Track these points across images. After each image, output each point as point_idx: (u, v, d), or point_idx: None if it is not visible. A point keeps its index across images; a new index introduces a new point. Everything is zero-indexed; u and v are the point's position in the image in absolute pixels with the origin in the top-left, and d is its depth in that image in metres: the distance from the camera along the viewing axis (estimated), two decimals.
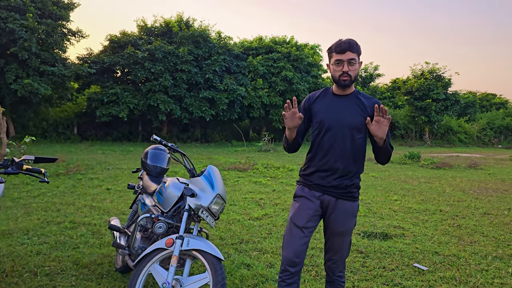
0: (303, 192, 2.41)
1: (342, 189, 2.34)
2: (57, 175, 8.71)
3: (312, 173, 2.39)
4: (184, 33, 22.50)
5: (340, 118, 2.31)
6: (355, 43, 2.25)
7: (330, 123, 2.32)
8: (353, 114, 2.31)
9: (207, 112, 22.28)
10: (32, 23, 17.58)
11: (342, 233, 2.38)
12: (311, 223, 2.35)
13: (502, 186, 9.18)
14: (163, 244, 2.54)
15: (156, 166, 3.46)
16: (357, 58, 2.26)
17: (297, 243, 2.32)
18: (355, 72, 2.28)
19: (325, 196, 2.36)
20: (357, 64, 2.27)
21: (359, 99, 2.35)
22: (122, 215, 5.49)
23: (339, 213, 2.35)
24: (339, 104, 2.35)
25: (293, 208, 2.42)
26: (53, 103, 21.05)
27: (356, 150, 2.33)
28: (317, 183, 2.37)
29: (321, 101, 2.41)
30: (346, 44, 2.23)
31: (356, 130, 2.30)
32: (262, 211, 5.97)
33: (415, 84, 29.40)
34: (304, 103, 2.47)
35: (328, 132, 2.32)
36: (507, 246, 4.54)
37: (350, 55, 2.23)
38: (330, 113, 2.34)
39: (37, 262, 3.63)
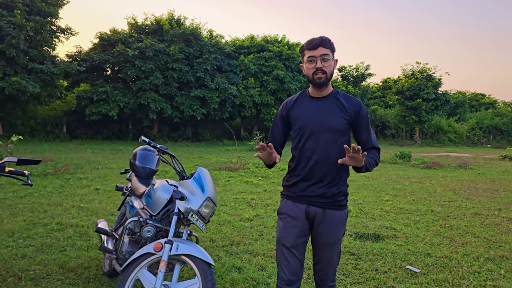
0: (286, 208, 2.25)
1: (328, 198, 2.18)
2: (44, 175, 8.56)
3: (295, 184, 2.23)
4: (175, 31, 22.34)
5: (320, 122, 2.16)
6: (327, 39, 2.14)
7: (310, 129, 2.17)
8: (333, 116, 2.16)
9: (198, 111, 22.16)
10: (20, 20, 17.30)
11: (331, 243, 2.22)
12: (300, 240, 2.21)
13: (492, 186, 9.23)
14: (152, 249, 2.47)
15: (145, 167, 3.38)
16: (331, 54, 2.13)
17: (291, 263, 2.19)
18: (330, 68, 2.13)
19: (310, 208, 2.19)
20: (331, 61, 2.13)
21: (338, 100, 2.20)
22: (111, 216, 5.39)
23: (327, 223, 2.19)
24: (317, 107, 2.19)
25: (279, 226, 2.27)
26: (42, 101, 20.79)
27: (341, 155, 2.15)
28: (301, 195, 2.21)
29: (298, 106, 2.25)
30: (318, 40, 2.11)
31: (338, 133, 2.16)
32: (253, 211, 5.91)
33: (405, 84, 29.58)
34: (282, 110, 2.32)
35: (309, 138, 2.18)
36: (499, 247, 4.54)
37: (322, 51, 2.11)
38: (309, 118, 2.18)
39: (21, 266, 3.52)
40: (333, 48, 2.16)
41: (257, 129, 25.81)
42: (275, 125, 2.38)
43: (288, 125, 2.32)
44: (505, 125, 34.82)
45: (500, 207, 6.80)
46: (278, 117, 2.35)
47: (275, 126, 2.38)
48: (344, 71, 32.74)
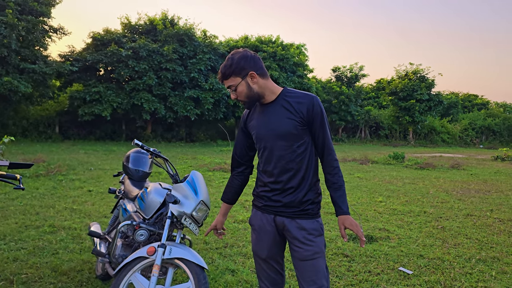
0: (255, 219, 2.18)
1: (295, 207, 2.04)
2: (37, 176, 8.49)
3: (260, 193, 2.14)
4: (168, 31, 22.28)
5: (270, 128, 2.03)
6: (227, 67, 1.99)
7: (262, 137, 2.07)
8: (282, 120, 2.00)
9: (192, 111, 22.11)
10: (12, 20, 17.15)
11: (309, 257, 2.01)
12: (274, 250, 2.14)
13: (484, 186, 9.31)
14: (145, 253, 2.46)
15: (138, 170, 3.36)
16: (237, 79, 2.00)
17: (269, 273, 2.17)
18: (243, 93, 2.02)
19: (277, 218, 2.08)
20: (241, 85, 2.00)
21: (286, 101, 2.03)
22: (104, 219, 5.36)
23: (299, 234, 2.03)
24: (267, 113, 2.07)
25: (252, 239, 2.21)
26: (34, 101, 20.64)
27: (300, 159, 2.01)
28: (267, 204, 2.11)
29: (252, 116, 2.16)
30: (220, 74, 2.04)
31: (290, 137, 2.00)
32: (247, 213, 5.91)
33: (399, 84, 29.75)
34: (241, 122, 2.25)
35: (263, 147, 2.07)
36: (490, 248, 4.57)
37: (227, 83, 2.04)
38: (260, 125, 2.08)
39: (13, 269, 3.49)
40: (237, 71, 1.99)
41: None
42: (237, 139, 2.28)
43: (249, 137, 2.21)
44: (497, 126, 35.15)
45: (492, 208, 6.86)
46: (240, 131, 2.25)
47: (237, 141, 2.28)
48: (338, 71, 32.84)
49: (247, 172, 2.32)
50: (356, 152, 19.88)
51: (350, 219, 2.01)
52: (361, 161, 14.51)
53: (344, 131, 33.08)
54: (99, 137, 22.48)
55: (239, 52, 2.02)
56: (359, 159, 15.04)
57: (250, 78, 2.01)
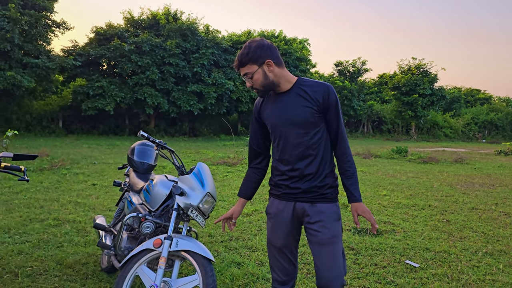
0: (273, 207, 2.18)
1: (314, 192, 2.06)
2: (41, 170, 8.50)
3: (278, 182, 2.15)
4: (171, 26, 22.21)
5: (286, 117, 2.05)
6: (245, 54, 2.01)
7: (278, 126, 2.09)
8: (298, 108, 2.03)
9: (195, 106, 22.08)
10: (15, 14, 17.12)
11: (328, 241, 2.02)
12: (289, 239, 2.14)
13: (488, 180, 9.26)
14: (151, 245, 2.44)
15: (143, 162, 3.34)
16: (253, 66, 2.02)
17: (282, 263, 2.16)
18: (258, 82, 2.04)
19: (298, 204, 2.10)
20: (257, 73, 2.02)
21: (302, 89, 2.06)
22: (108, 212, 5.36)
23: (319, 218, 2.05)
24: (282, 102, 2.09)
25: (268, 227, 2.21)
26: (37, 96, 20.66)
27: (316, 146, 2.05)
28: (285, 192, 2.12)
29: (266, 106, 2.17)
30: (236, 62, 2.05)
31: (307, 125, 2.03)
32: (252, 207, 5.90)
33: (402, 79, 29.61)
34: (254, 112, 2.25)
35: (279, 135, 2.10)
36: (496, 241, 4.55)
37: (243, 71, 2.05)
38: (275, 115, 2.10)
39: (18, 262, 3.49)
40: (253, 58, 2.01)
41: None
42: (253, 130, 2.28)
43: (263, 126, 2.23)
44: (500, 121, 34.99)
45: (497, 201, 6.82)
46: (253, 120, 2.25)
47: (253, 131, 2.27)
48: (340, 66, 32.71)
49: (264, 164, 2.31)
50: (358, 147, 19.83)
51: (363, 206, 2.09)
52: (364, 155, 14.47)
53: (347, 125, 33.00)
54: (103, 131, 22.49)
55: (256, 41, 2.04)
56: (362, 153, 15.00)
57: (267, 66, 2.03)
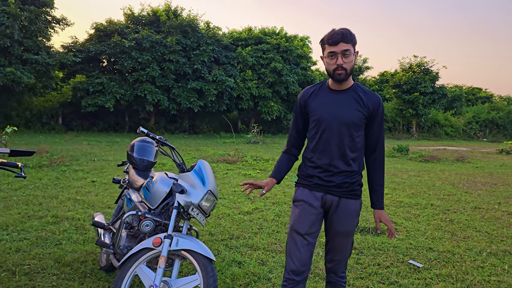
0: (302, 195, 2.25)
1: (344, 188, 2.20)
2: (40, 167, 8.44)
3: (312, 174, 2.24)
4: (172, 22, 22.10)
5: (338, 115, 2.15)
6: (349, 33, 2.07)
7: (327, 121, 2.16)
8: (351, 110, 2.15)
9: (195, 103, 21.99)
10: (15, 10, 17.02)
11: (345, 233, 2.24)
12: (314, 228, 2.21)
13: (490, 179, 9.21)
14: (150, 244, 2.38)
15: (143, 159, 3.28)
16: (352, 48, 2.08)
17: (301, 252, 2.18)
18: (351, 64, 2.09)
19: (327, 196, 2.21)
20: (352, 56, 2.08)
21: (357, 94, 2.17)
22: (108, 209, 5.30)
23: (342, 212, 2.21)
24: (336, 100, 2.18)
25: (293, 214, 2.26)
26: (37, 93, 20.55)
27: (356, 148, 2.18)
28: (317, 183, 2.22)
29: (317, 97, 2.24)
30: (339, 35, 2.04)
31: (354, 127, 2.15)
32: (253, 205, 5.84)
33: (403, 77, 29.49)
34: (299, 100, 2.31)
35: (325, 130, 2.17)
36: (501, 241, 4.49)
37: (343, 46, 2.05)
38: (326, 110, 2.17)
39: (16, 260, 3.43)
40: (354, 42, 2.10)
41: (254, 122, 25.69)
42: (295, 117, 2.37)
43: (306, 116, 2.31)
44: (501, 119, 34.89)
45: (500, 201, 6.77)
46: (298, 109, 2.34)
47: (295, 118, 2.37)
48: None
49: (299, 152, 2.44)
50: None
51: (385, 214, 2.30)
52: None
53: None
54: (102, 128, 22.42)
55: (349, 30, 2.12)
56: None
57: (356, 55, 2.14)
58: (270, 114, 24.37)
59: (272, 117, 24.52)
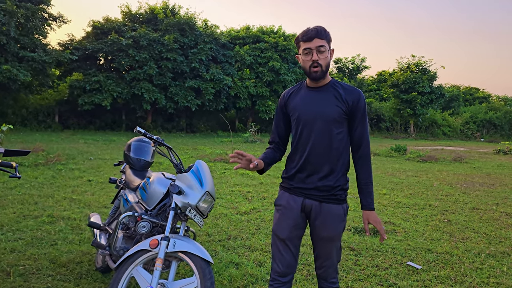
0: (282, 199, 2.21)
1: (325, 192, 2.12)
2: (36, 165, 8.38)
3: (293, 175, 2.19)
4: (169, 20, 22.01)
5: (316, 112, 2.10)
6: (323, 30, 2.06)
7: (306, 119, 2.13)
8: (330, 106, 2.09)
9: (192, 101, 21.93)
10: (11, 7, 16.90)
11: (330, 238, 2.14)
12: (295, 233, 2.17)
13: (488, 180, 9.21)
14: (147, 245, 2.35)
15: (139, 159, 3.24)
16: (327, 45, 2.07)
17: (284, 255, 2.17)
18: (326, 60, 2.07)
19: (306, 201, 2.14)
20: (327, 52, 2.07)
21: (336, 90, 2.13)
22: (104, 209, 5.26)
23: (325, 217, 2.12)
24: (314, 97, 2.14)
25: (274, 218, 2.24)
26: (33, 90, 20.43)
27: (337, 146, 2.11)
28: (298, 187, 2.17)
29: (296, 97, 2.21)
30: (313, 31, 2.04)
31: (334, 123, 2.09)
32: (250, 205, 5.80)
33: (401, 77, 29.50)
34: (280, 102, 2.29)
35: (305, 128, 2.13)
36: (499, 242, 4.48)
37: (318, 42, 2.04)
38: (305, 108, 2.14)
39: (10, 261, 3.39)
40: (329, 38, 2.09)
41: (252, 121, 25.65)
42: (276, 118, 2.34)
43: (287, 116, 2.28)
44: (498, 119, 34.96)
45: (498, 201, 6.76)
46: (279, 110, 2.31)
47: (276, 120, 2.34)
48: (339, 63, 32.60)
49: (282, 150, 2.37)
50: None
51: (375, 215, 2.16)
52: None
53: None
54: (99, 126, 22.32)
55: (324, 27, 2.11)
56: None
57: (331, 52, 2.13)
58: (268, 113, 24.34)
59: (269, 116, 24.48)
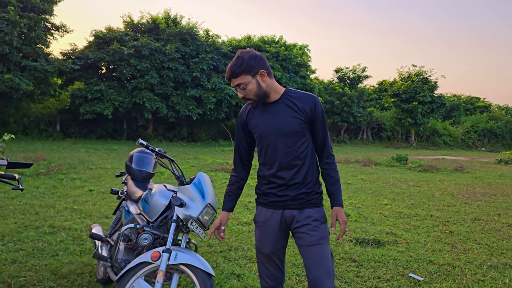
0: (260, 215, 2.24)
1: (301, 200, 2.15)
2: (37, 175, 8.39)
3: (266, 191, 2.21)
4: (171, 30, 22.18)
5: (276, 127, 2.12)
6: (237, 65, 2.04)
7: (266, 135, 2.14)
8: (288, 119, 2.10)
9: (194, 111, 22.00)
10: (14, 16, 17.06)
11: (316, 242, 2.12)
12: (277, 245, 2.22)
13: (490, 190, 9.19)
14: (149, 258, 2.35)
15: (141, 170, 3.25)
16: (247, 77, 2.05)
17: (270, 270, 2.23)
18: (252, 92, 2.08)
19: (286, 212, 2.17)
20: (250, 85, 2.06)
21: (291, 101, 2.13)
22: (105, 219, 5.25)
23: (306, 222, 2.14)
24: (271, 112, 2.15)
25: (256, 234, 2.27)
26: (35, 99, 20.52)
27: (304, 155, 2.13)
28: (274, 200, 2.19)
29: (253, 114, 2.22)
30: (228, 73, 2.08)
31: (295, 135, 2.11)
32: (251, 215, 5.80)
33: (402, 86, 29.61)
34: (239, 119, 2.29)
35: (267, 144, 2.15)
36: (501, 254, 4.46)
37: (235, 82, 2.08)
38: (265, 124, 2.15)
39: (11, 272, 3.38)
40: (247, 69, 2.05)
41: None
42: (237, 140, 2.33)
43: (250, 134, 2.28)
44: (499, 129, 34.99)
45: (499, 212, 6.74)
46: (239, 129, 2.30)
47: (238, 141, 2.33)
48: (340, 72, 32.72)
49: (247, 172, 2.39)
50: (358, 154, 19.76)
51: (343, 212, 2.21)
52: (364, 162, 14.39)
53: (346, 132, 32.95)
54: (100, 135, 22.37)
55: (247, 52, 2.08)
56: (362, 161, 14.92)
57: (260, 76, 2.08)
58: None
59: None
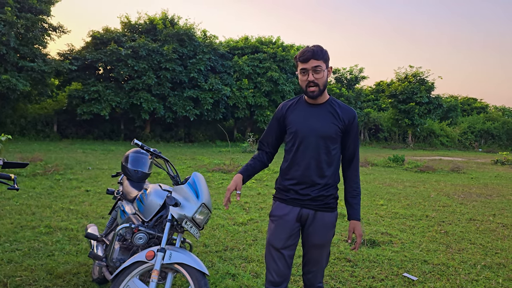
0: (278, 210, 2.29)
1: (320, 201, 2.24)
2: (33, 175, 8.38)
3: (288, 187, 2.28)
4: (168, 31, 22.18)
5: (314, 128, 2.21)
6: (319, 50, 2.14)
7: (303, 134, 2.23)
8: (327, 123, 2.22)
9: (191, 111, 22.01)
10: (11, 17, 17.02)
11: (321, 245, 2.27)
12: (290, 242, 2.25)
13: (485, 190, 9.23)
14: (143, 257, 2.36)
15: (137, 170, 3.27)
16: (323, 65, 2.15)
17: (278, 265, 2.24)
18: (322, 80, 2.16)
19: (303, 210, 2.25)
20: (323, 72, 2.15)
21: (333, 108, 2.25)
22: (101, 220, 5.26)
23: (318, 225, 2.25)
24: (312, 113, 2.25)
25: (270, 228, 2.31)
26: (32, 100, 20.49)
27: (331, 161, 2.24)
28: (294, 197, 2.26)
29: (294, 111, 2.31)
30: (310, 52, 2.13)
31: (330, 140, 2.22)
32: (247, 215, 5.82)
33: (399, 87, 29.69)
34: (277, 113, 2.38)
35: (302, 143, 2.23)
36: (495, 254, 4.49)
37: (314, 63, 2.13)
38: (303, 123, 2.24)
39: (7, 272, 3.39)
40: (325, 58, 2.17)
41: (250, 131, 25.72)
42: (270, 127, 2.42)
43: (283, 128, 2.36)
44: (496, 130, 35.13)
45: (495, 212, 6.78)
46: (274, 120, 2.39)
47: (270, 128, 2.42)
48: (338, 73, 32.79)
49: (270, 157, 2.46)
50: None
51: (359, 227, 2.32)
52: (361, 163, 14.43)
53: None
54: (98, 136, 22.35)
55: (321, 46, 2.18)
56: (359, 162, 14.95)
57: (329, 71, 2.22)
58: (266, 123, 24.40)
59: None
